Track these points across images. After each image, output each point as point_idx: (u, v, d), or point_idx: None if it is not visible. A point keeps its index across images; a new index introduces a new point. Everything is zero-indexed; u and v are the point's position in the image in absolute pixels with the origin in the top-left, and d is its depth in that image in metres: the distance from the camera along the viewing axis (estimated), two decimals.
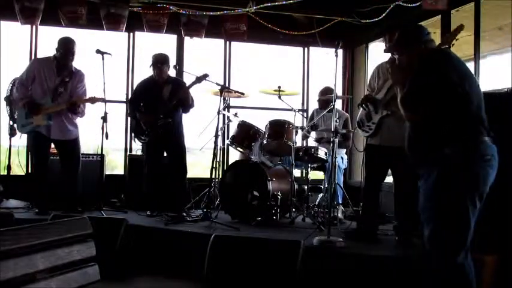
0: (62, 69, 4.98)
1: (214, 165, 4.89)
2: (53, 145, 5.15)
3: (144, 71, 5.50)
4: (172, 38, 6.67)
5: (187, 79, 5.43)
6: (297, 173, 5.80)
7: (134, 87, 5.45)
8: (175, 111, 5.22)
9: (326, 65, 6.97)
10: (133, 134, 5.32)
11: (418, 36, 2.86)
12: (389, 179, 4.45)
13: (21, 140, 5.42)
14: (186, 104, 5.20)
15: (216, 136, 4.96)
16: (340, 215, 5.17)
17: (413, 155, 2.77)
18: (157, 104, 5.11)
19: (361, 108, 4.31)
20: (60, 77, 4.97)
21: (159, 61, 5.18)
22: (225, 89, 5.18)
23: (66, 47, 4.94)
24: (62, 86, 4.95)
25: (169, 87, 5.21)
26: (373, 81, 4.34)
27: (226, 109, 6.10)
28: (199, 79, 4.97)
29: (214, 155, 4.87)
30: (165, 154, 5.38)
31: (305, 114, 6.68)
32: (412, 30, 2.96)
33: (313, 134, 5.82)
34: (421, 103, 2.65)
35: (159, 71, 5.17)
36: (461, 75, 2.64)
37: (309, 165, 5.22)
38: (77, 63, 5.11)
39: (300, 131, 5.27)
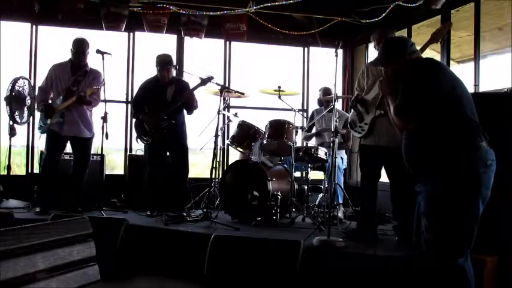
0: (76, 69, 5.08)
1: (214, 165, 4.89)
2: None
3: (144, 71, 5.50)
4: (172, 38, 6.67)
5: (188, 79, 5.44)
6: (297, 173, 5.80)
7: (137, 88, 5.42)
8: (179, 112, 5.21)
9: (326, 65, 6.97)
10: (135, 135, 5.30)
11: (402, 48, 2.88)
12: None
13: (21, 140, 5.44)
14: (191, 105, 5.19)
15: (216, 136, 4.95)
16: (340, 215, 5.17)
17: (411, 164, 2.76)
18: (161, 105, 5.11)
19: (353, 110, 4.32)
20: (74, 77, 5.05)
21: (165, 62, 5.17)
22: (225, 89, 5.18)
23: (77, 46, 5.07)
24: (76, 85, 5.01)
25: (173, 88, 5.20)
26: (362, 81, 4.35)
27: (226, 109, 6.10)
28: (204, 82, 4.96)
29: (214, 155, 4.87)
30: (167, 154, 5.37)
31: (305, 114, 6.68)
32: (395, 43, 2.98)
33: (313, 141, 5.81)
34: (415, 112, 2.65)
35: (164, 72, 5.16)
36: (452, 83, 2.66)
37: (309, 165, 5.22)
38: None
39: (300, 132, 5.26)
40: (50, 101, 5.10)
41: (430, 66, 2.73)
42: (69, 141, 5.17)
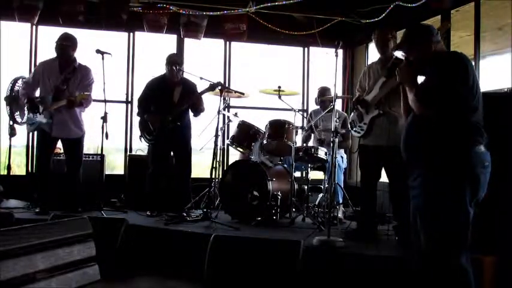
0: (64, 67, 5.02)
1: (214, 165, 4.89)
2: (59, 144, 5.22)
3: (143, 71, 5.49)
4: (172, 38, 6.67)
5: (192, 80, 5.42)
6: (297, 173, 5.80)
7: (144, 86, 5.39)
8: (185, 113, 5.21)
9: (326, 65, 6.97)
10: (139, 133, 5.29)
11: (428, 36, 2.84)
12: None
13: (21, 140, 5.43)
14: (198, 108, 5.20)
15: (216, 136, 4.95)
16: (340, 215, 5.17)
17: (409, 154, 2.76)
18: (167, 106, 5.10)
19: (353, 112, 4.34)
20: (63, 75, 5.00)
21: (177, 62, 5.18)
22: (225, 89, 5.18)
23: (57, 39, 5.00)
24: (65, 83, 4.97)
25: (180, 89, 5.20)
26: (363, 82, 4.37)
27: (226, 109, 6.10)
28: (212, 87, 4.97)
29: (214, 155, 4.87)
30: (171, 154, 5.37)
31: (305, 114, 6.67)
32: (422, 30, 2.93)
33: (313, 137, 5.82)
34: (438, 101, 2.63)
35: (175, 72, 5.15)
36: (474, 81, 2.65)
37: (309, 165, 5.22)
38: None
39: (300, 131, 5.26)
40: (39, 98, 5.00)
41: (465, 62, 2.70)
42: (60, 142, 5.16)
